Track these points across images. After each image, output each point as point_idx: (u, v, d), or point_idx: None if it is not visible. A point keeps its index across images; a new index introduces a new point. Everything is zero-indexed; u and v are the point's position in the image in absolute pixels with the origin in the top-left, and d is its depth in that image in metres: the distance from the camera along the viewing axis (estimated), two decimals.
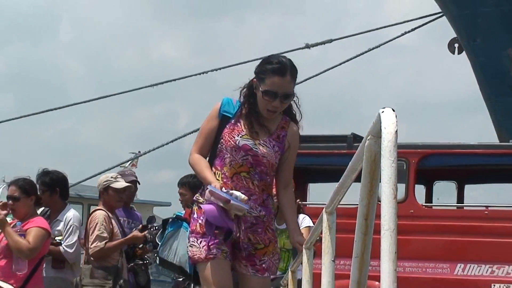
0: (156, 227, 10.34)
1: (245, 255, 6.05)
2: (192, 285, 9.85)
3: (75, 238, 9.88)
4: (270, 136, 6.03)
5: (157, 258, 7.34)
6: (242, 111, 6.14)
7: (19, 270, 9.10)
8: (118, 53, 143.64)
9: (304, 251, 6.70)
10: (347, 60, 25.47)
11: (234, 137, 6.02)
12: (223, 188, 5.79)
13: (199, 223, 6.05)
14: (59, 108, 26.33)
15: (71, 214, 10.02)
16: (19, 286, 9.03)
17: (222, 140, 6.13)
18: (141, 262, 10.34)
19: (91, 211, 11.44)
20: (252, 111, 6.03)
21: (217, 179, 5.99)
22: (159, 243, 7.00)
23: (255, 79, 6.03)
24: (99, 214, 10.11)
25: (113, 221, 10.14)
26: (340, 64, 25.86)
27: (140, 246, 10.12)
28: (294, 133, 6.12)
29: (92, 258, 9.78)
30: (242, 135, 6.00)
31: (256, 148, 5.99)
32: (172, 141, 24.45)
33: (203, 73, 24.77)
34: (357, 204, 3.91)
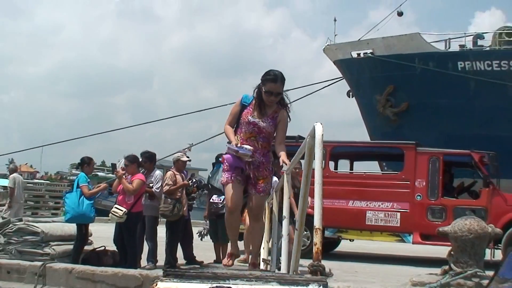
0: (194, 180, 10.47)
1: (253, 182, 5.75)
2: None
3: (159, 184, 9.77)
4: (268, 117, 5.74)
5: (209, 184, 7.03)
6: (253, 102, 5.79)
7: (129, 200, 9.09)
8: (182, 94, 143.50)
9: (273, 194, 6.68)
10: (295, 100, 25.31)
11: (248, 117, 5.75)
12: (238, 144, 5.62)
13: (226, 164, 5.77)
14: (152, 121, 26.45)
15: (157, 172, 9.94)
16: (128, 208, 9.00)
17: (241, 119, 5.81)
18: (191, 197, 10.27)
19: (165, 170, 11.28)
20: (260, 101, 5.72)
21: (237, 139, 5.72)
22: (210, 176, 6.80)
23: (261, 84, 5.73)
24: (168, 173, 10.05)
25: (177, 176, 9.93)
26: (292, 102, 25.78)
27: (191, 188, 10.15)
28: (283, 114, 5.77)
29: (164, 194, 9.72)
30: (252, 116, 5.73)
31: (259, 124, 5.71)
32: (208, 139, 24.53)
33: (224, 105, 24.87)
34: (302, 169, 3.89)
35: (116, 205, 9.17)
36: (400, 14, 23.29)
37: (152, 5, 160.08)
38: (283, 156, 5.46)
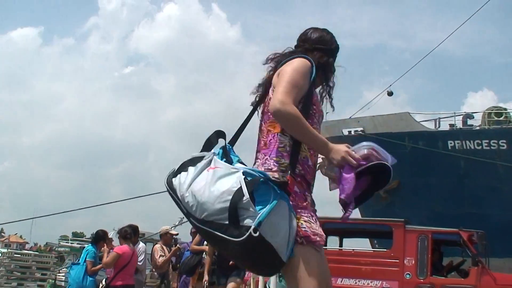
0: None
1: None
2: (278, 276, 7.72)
3: (142, 257, 9.66)
4: None
5: (259, 241, 2.49)
6: (316, 79, 3.02)
7: (111, 273, 8.97)
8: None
9: None
10: None
11: (321, 108, 3.09)
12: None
13: (309, 200, 2.94)
14: (145, 195, 26.43)
15: (141, 245, 9.95)
16: (108, 282, 8.86)
17: (314, 107, 2.99)
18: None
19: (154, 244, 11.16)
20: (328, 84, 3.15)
21: (303, 151, 2.94)
22: (260, 220, 2.48)
23: (321, 53, 3.11)
24: (156, 247, 10.07)
25: (164, 248, 9.97)
26: None
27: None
28: None
29: (155, 268, 9.68)
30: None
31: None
32: None
33: None
34: None
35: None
36: (390, 94, 23.69)
37: (150, 80, 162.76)
38: None
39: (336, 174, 2.85)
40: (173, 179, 2.86)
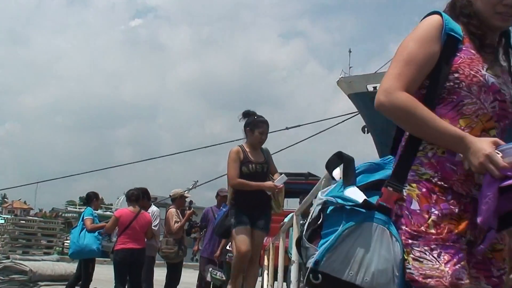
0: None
1: (478, 260, 1.96)
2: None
3: (157, 221, 9.28)
4: (504, 71, 2.10)
5: (312, 274, 1.86)
6: (470, 31, 2.05)
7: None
8: (188, 128, 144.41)
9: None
10: (308, 138, 24.38)
11: (480, 71, 1.97)
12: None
13: (433, 219, 1.89)
14: (154, 158, 25.48)
15: (154, 208, 9.41)
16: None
17: (456, 74, 1.97)
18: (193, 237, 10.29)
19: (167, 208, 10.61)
20: (479, 30, 2.06)
21: None
22: (317, 259, 1.85)
23: None
24: (171, 211, 9.62)
25: (178, 212, 9.59)
26: (305, 139, 24.80)
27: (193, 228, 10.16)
28: None
29: (169, 234, 9.33)
30: (487, 69, 2.00)
31: (504, 91, 2.01)
32: (214, 179, 23.25)
33: (233, 140, 23.68)
34: None
35: None
36: None
37: (159, 35, 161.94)
38: None
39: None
40: None
